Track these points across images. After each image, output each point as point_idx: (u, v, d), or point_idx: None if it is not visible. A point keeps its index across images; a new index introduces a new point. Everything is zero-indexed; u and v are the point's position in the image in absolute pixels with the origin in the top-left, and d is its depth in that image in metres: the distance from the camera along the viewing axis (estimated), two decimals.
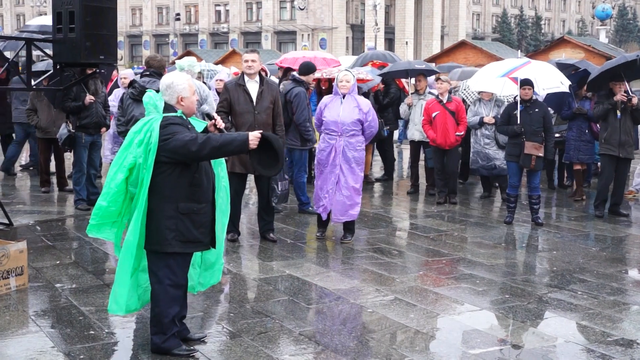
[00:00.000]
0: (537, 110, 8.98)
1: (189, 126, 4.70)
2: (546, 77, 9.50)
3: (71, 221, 9.11)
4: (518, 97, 9.06)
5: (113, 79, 13.02)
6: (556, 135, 10.19)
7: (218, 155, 4.65)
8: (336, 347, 4.97)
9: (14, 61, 9.95)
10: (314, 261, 7.25)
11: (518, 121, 8.90)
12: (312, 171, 10.31)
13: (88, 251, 7.58)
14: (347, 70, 8.35)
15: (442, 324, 5.52)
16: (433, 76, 12.25)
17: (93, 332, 5.15)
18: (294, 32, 72.14)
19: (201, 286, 5.13)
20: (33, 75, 9.01)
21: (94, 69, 9.13)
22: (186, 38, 78.15)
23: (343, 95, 7.80)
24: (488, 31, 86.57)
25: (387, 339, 5.18)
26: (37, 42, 8.78)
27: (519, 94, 9.03)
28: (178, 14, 75.90)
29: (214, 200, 4.84)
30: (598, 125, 10.27)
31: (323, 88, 11.35)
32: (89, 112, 9.55)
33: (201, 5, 77.62)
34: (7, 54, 11.07)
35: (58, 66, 8.53)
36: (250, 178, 8.35)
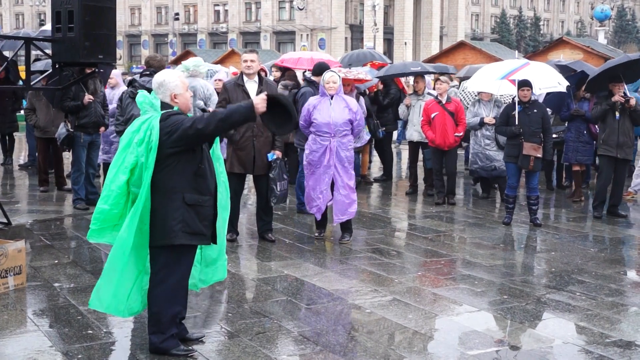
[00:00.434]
0: (536, 111, 8.98)
1: None
2: (544, 77, 9.50)
3: (70, 220, 9.11)
4: (516, 98, 9.06)
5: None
6: (553, 136, 10.19)
7: (226, 127, 4.59)
8: (334, 348, 4.97)
9: (13, 60, 9.94)
10: (313, 261, 7.25)
11: (516, 122, 8.90)
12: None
13: (86, 250, 7.58)
14: (332, 70, 8.32)
15: (440, 325, 5.53)
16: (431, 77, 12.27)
17: (91, 332, 5.15)
18: (293, 32, 72.12)
19: (203, 283, 5.09)
20: (32, 74, 9.00)
21: (93, 69, 9.13)
22: (185, 38, 78.10)
23: (331, 96, 7.83)
24: (487, 32, 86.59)
25: (385, 340, 5.18)
26: (36, 42, 8.78)
27: (518, 95, 9.03)
28: (177, 14, 75.88)
29: (216, 195, 4.82)
30: (597, 126, 10.29)
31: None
32: (88, 112, 9.55)
33: (200, 5, 77.58)
34: (6, 54, 11.07)
35: (57, 65, 8.53)
36: (249, 178, 8.35)
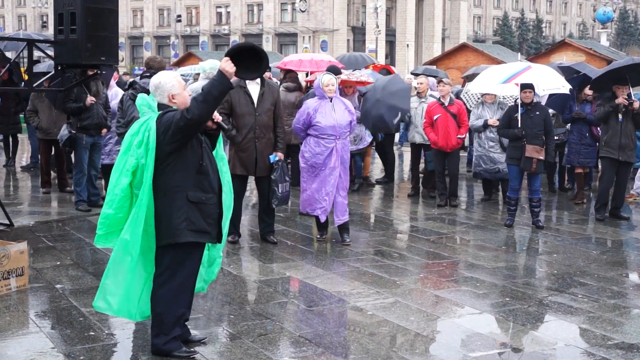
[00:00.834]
0: (538, 113, 8.97)
1: None
2: (547, 79, 9.49)
3: (72, 222, 9.11)
4: (519, 100, 9.06)
5: (115, 79, 13.00)
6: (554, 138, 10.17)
7: (210, 106, 4.48)
8: (336, 350, 4.97)
9: (16, 62, 9.95)
10: (315, 263, 7.25)
11: (519, 124, 8.89)
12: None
13: (88, 252, 7.58)
14: (328, 73, 8.33)
15: (443, 327, 5.52)
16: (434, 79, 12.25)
17: (93, 333, 5.15)
18: (295, 34, 72.14)
19: (205, 283, 5.10)
20: (35, 76, 9.01)
21: (95, 71, 9.14)
22: (187, 40, 78.13)
23: (330, 98, 7.84)
24: (489, 34, 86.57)
25: (387, 342, 5.17)
26: (39, 43, 8.79)
27: (520, 97, 9.03)
28: (179, 16, 75.95)
29: (220, 193, 4.81)
30: (599, 128, 10.28)
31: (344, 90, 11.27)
32: (90, 114, 9.54)
33: (202, 7, 77.63)
34: (9, 54, 11.09)
35: (59, 67, 8.53)
36: (250, 180, 8.35)
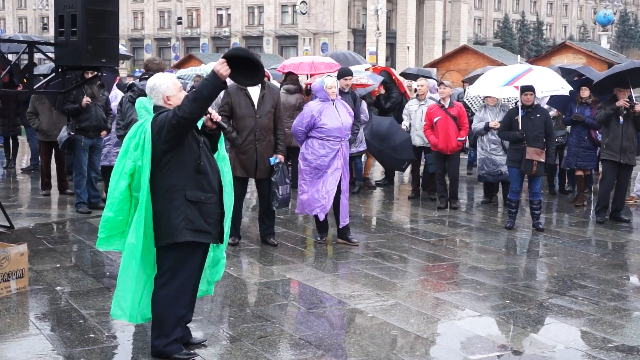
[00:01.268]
0: (539, 115, 8.97)
1: None
2: (547, 81, 9.50)
3: (72, 224, 9.11)
4: (519, 103, 9.06)
5: (116, 81, 13.00)
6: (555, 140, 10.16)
7: (202, 104, 4.42)
8: (336, 352, 4.96)
9: (16, 64, 9.95)
10: (315, 265, 7.25)
11: (519, 127, 8.89)
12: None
13: (88, 254, 7.58)
14: (330, 75, 8.33)
15: (443, 329, 5.52)
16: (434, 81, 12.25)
17: (93, 336, 5.14)
18: (296, 37, 72.19)
19: (210, 284, 5.09)
20: (35, 78, 9.00)
21: (95, 72, 9.14)
22: (188, 42, 78.20)
23: (332, 101, 7.86)
24: (489, 36, 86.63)
25: (388, 344, 5.17)
26: (39, 45, 8.78)
27: (521, 100, 9.03)
28: (180, 18, 76.05)
29: (221, 193, 4.80)
30: (597, 132, 10.29)
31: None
32: (88, 115, 9.52)
33: (203, 9, 77.70)
34: (9, 57, 11.08)
35: (60, 69, 8.54)
36: (251, 182, 8.35)
